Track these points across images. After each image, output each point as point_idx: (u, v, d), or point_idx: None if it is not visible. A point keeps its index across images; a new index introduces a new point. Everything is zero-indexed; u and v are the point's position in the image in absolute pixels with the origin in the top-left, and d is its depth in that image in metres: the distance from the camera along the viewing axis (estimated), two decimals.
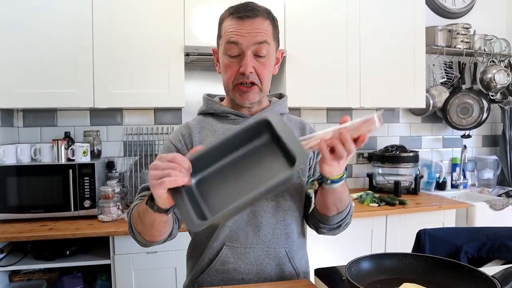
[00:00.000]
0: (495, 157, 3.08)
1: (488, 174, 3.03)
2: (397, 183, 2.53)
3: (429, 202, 2.38)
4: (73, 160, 2.04)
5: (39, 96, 1.99)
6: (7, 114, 2.19)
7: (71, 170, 1.97)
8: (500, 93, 2.90)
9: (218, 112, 1.13)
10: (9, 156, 1.99)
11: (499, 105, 3.04)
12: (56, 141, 2.04)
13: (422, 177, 2.72)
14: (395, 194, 2.50)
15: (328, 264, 1.07)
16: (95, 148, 2.26)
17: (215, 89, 1.23)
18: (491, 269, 0.96)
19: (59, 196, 1.96)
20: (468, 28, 2.85)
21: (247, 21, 1.01)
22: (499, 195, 2.72)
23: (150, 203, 0.85)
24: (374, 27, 2.45)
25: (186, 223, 0.76)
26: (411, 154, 2.63)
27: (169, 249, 1.87)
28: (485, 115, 2.91)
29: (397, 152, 2.64)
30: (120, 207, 2.02)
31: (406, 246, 1.49)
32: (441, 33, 2.82)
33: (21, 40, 1.95)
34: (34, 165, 1.97)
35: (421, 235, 1.28)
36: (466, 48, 2.83)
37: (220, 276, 1.04)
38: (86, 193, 1.98)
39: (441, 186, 2.86)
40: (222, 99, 1.19)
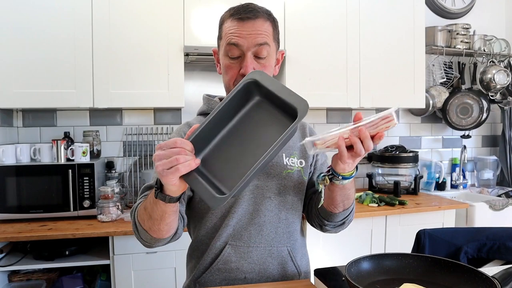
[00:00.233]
0: (494, 157, 3.08)
1: (488, 175, 3.03)
2: (396, 183, 2.53)
3: (428, 202, 2.38)
4: (73, 160, 2.04)
5: (39, 96, 1.98)
6: (7, 114, 2.19)
7: (70, 170, 1.97)
8: (500, 93, 2.90)
9: None
10: (9, 156, 1.99)
11: (498, 106, 3.04)
12: (55, 141, 2.04)
13: (421, 177, 2.72)
14: (394, 194, 2.50)
15: (327, 264, 1.07)
16: (95, 148, 2.26)
17: (215, 89, 1.24)
18: (491, 270, 0.96)
19: (59, 196, 1.96)
20: (467, 28, 2.85)
21: (248, 22, 1.01)
22: (499, 196, 2.72)
23: (161, 194, 0.83)
24: (374, 28, 2.45)
25: (208, 201, 0.74)
26: (410, 154, 2.63)
27: (169, 249, 1.86)
28: (484, 115, 2.91)
29: (397, 152, 2.64)
30: (120, 207, 2.02)
31: (406, 246, 1.49)
32: (440, 33, 2.82)
33: (20, 40, 1.95)
34: (33, 165, 1.97)
35: (420, 236, 1.28)
36: (465, 49, 2.84)
37: (223, 275, 1.04)
38: (85, 193, 1.98)
39: (440, 186, 2.86)
40: (222, 99, 1.19)
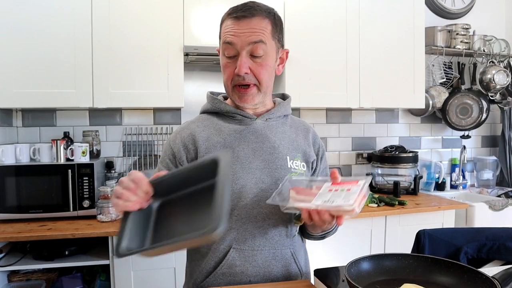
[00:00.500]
0: (494, 157, 3.08)
1: (488, 175, 3.03)
2: (396, 184, 2.53)
3: (428, 202, 2.38)
4: (72, 160, 2.04)
5: (38, 96, 1.98)
6: (6, 114, 2.19)
7: (70, 170, 1.96)
8: (500, 93, 2.90)
9: (223, 111, 1.11)
10: (8, 156, 1.99)
11: (498, 106, 3.04)
12: (55, 141, 2.04)
13: (421, 177, 2.72)
14: (394, 195, 2.50)
15: (327, 264, 1.07)
16: (94, 148, 2.25)
17: (214, 89, 1.23)
18: (491, 270, 0.96)
19: (58, 196, 1.96)
20: (467, 28, 2.85)
21: (244, 21, 1.00)
22: (499, 196, 2.72)
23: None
24: (374, 28, 2.45)
25: (115, 245, 0.74)
26: (410, 155, 2.63)
27: None
28: (484, 115, 2.91)
29: (397, 153, 2.64)
30: None
31: (406, 246, 1.49)
32: (440, 33, 2.82)
33: (20, 40, 1.95)
34: (33, 165, 1.96)
35: (420, 236, 1.28)
36: (465, 49, 2.84)
37: (227, 279, 1.03)
38: (85, 193, 1.98)
39: (440, 186, 2.86)
40: (226, 97, 1.17)
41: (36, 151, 2.06)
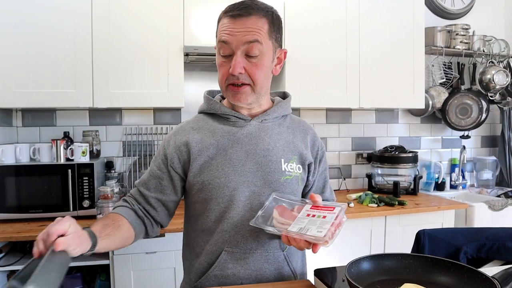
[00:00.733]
0: (494, 157, 3.08)
1: (487, 175, 3.04)
2: (396, 184, 2.53)
3: (428, 202, 2.38)
4: (72, 160, 2.03)
5: (38, 96, 1.98)
6: (6, 114, 2.18)
7: (70, 170, 1.96)
8: (499, 93, 2.90)
9: (218, 113, 1.10)
10: (8, 156, 1.99)
11: (498, 106, 3.04)
12: (55, 141, 2.04)
13: (421, 177, 2.73)
14: (394, 195, 2.50)
15: (327, 264, 1.07)
16: (94, 148, 2.25)
17: (214, 89, 1.23)
18: (491, 270, 0.96)
19: (58, 196, 1.96)
20: (467, 29, 2.85)
21: (240, 20, 0.98)
22: (498, 196, 2.72)
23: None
24: (374, 28, 2.45)
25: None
26: (410, 155, 2.64)
27: (169, 249, 1.87)
28: (484, 115, 2.92)
29: (396, 153, 2.64)
30: None
31: (405, 246, 1.49)
32: (440, 33, 2.82)
33: (20, 39, 1.95)
34: (33, 165, 1.96)
35: (420, 236, 1.28)
36: (465, 49, 2.84)
37: (219, 281, 1.03)
38: (85, 193, 1.98)
39: (440, 186, 2.86)
40: (223, 97, 1.16)
41: (36, 151, 2.06)
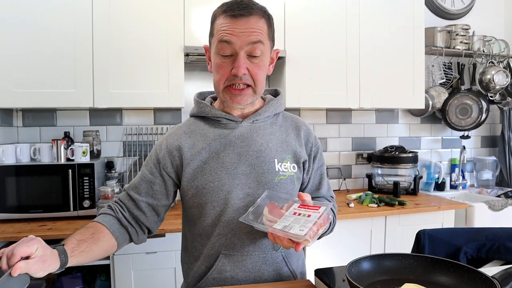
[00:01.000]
0: (494, 158, 3.08)
1: (487, 175, 3.04)
2: (396, 184, 2.53)
3: (428, 202, 2.38)
4: (73, 160, 2.04)
5: (39, 96, 1.98)
6: (6, 114, 2.19)
7: (70, 170, 1.97)
8: (499, 94, 2.90)
9: (209, 116, 1.09)
10: (9, 156, 1.99)
11: (498, 106, 3.05)
12: (55, 141, 2.04)
13: (421, 177, 2.73)
14: (394, 195, 2.50)
15: (327, 265, 1.07)
16: (95, 148, 2.25)
17: (205, 91, 1.22)
18: (491, 270, 0.96)
19: (59, 196, 1.96)
20: (467, 29, 2.85)
21: (241, 19, 0.97)
22: (498, 196, 2.73)
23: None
24: (374, 28, 2.45)
25: None
26: (410, 155, 2.64)
27: (169, 249, 1.87)
28: (484, 116, 2.92)
29: (396, 153, 2.64)
30: None
31: (405, 246, 1.49)
32: (440, 34, 2.82)
33: (20, 39, 1.95)
34: (33, 165, 1.96)
35: (420, 236, 1.28)
36: (465, 49, 2.84)
37: (218, 284, 1.04)
38: (85, 193, 1.98)
39: (440, 186, 2.87)
40: (215, 98, 1.15)
41: (36, 151, 2.06)
